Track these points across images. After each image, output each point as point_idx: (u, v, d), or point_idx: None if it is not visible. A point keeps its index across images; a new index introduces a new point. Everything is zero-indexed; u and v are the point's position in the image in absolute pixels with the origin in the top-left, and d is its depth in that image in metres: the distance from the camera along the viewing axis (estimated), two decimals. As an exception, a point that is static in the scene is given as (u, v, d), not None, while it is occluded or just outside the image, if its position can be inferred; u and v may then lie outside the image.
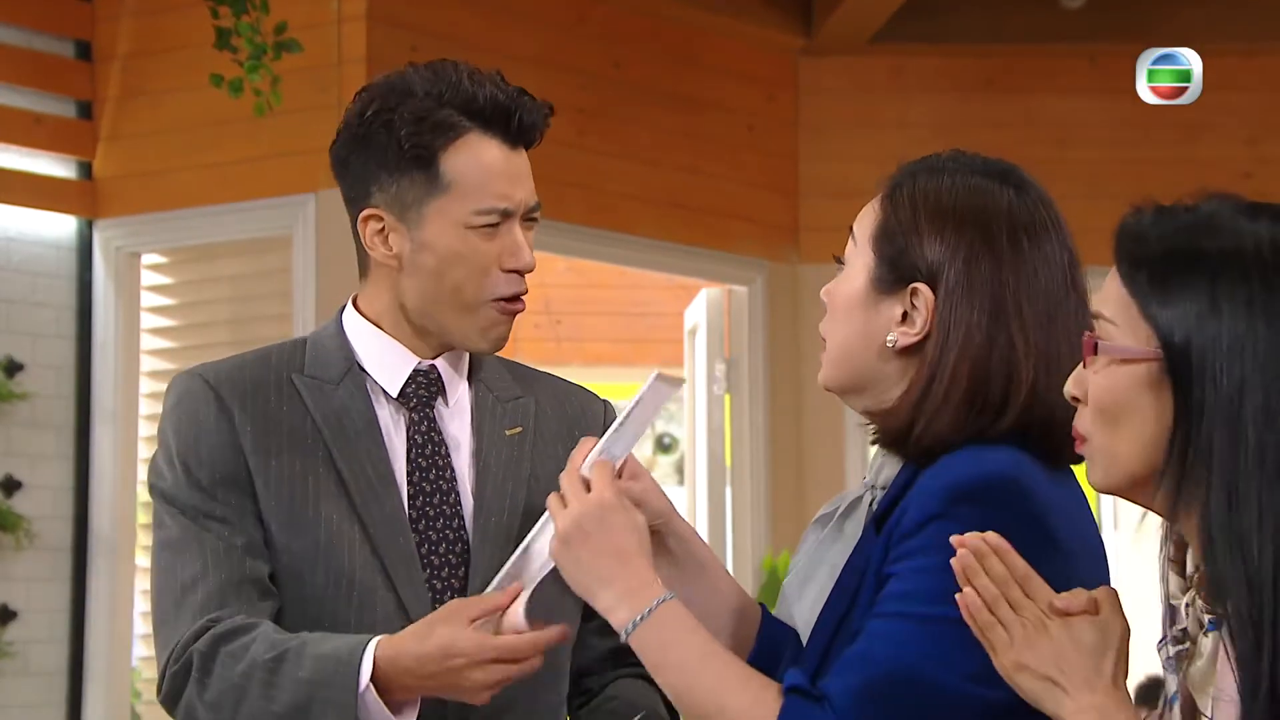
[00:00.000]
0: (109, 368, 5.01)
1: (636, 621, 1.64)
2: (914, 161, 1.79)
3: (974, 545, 1.48)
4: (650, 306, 6.90)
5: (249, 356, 1.99)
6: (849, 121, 5.83)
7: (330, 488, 1.90)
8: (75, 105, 5.07)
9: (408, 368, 1.96)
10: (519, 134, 1.93)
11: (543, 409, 2.01)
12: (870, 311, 1.73)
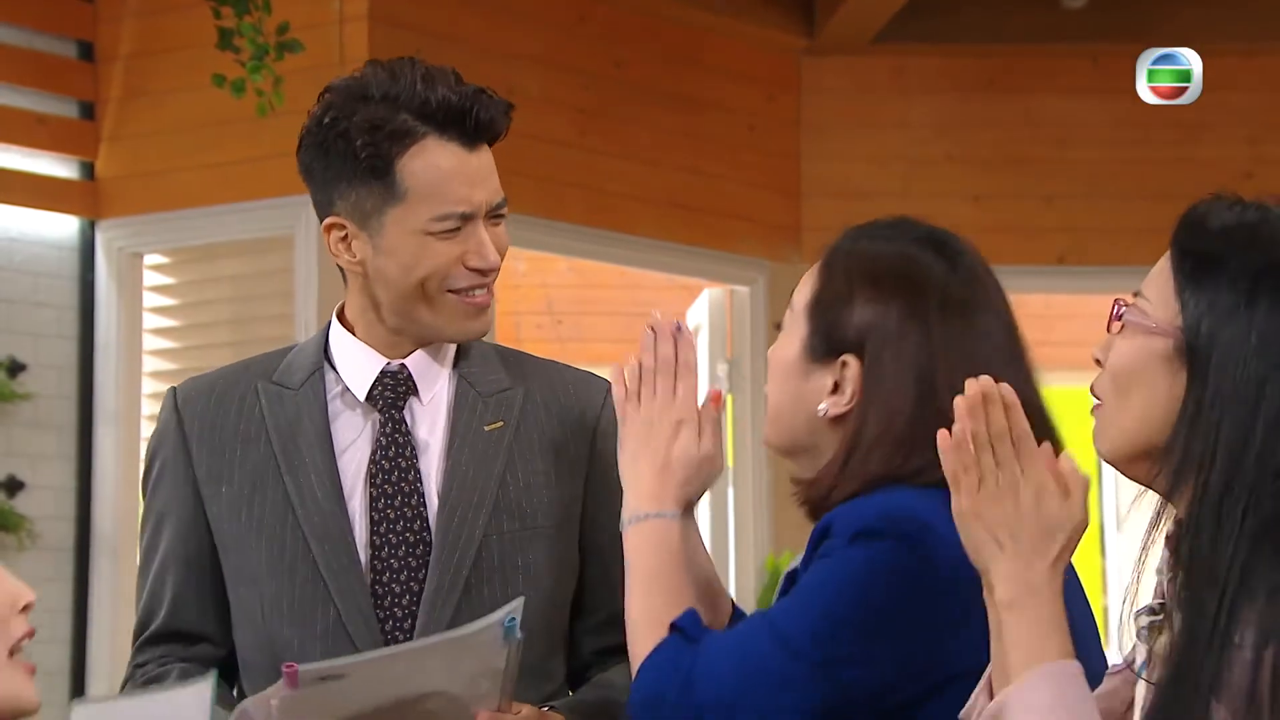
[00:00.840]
0: (111, 368, 5.01)
1: (632, 520, 1.73)
2: (858, 226, 1.80)
3: (984, 389, 1.47)
4: (652, 306, 6.90)
5: (238, 364, 2.03)
6: (851, 121, 5.83)
7: (278, 502, 1.92)
8: (77, 105, 5.07)
9: (375, 369, 1.96)
10: (476, 133, 1.92)
11: (532, 400, 1.99)
12: (803, 380, 1.74)
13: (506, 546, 1.92)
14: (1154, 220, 6.69)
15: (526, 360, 2.05)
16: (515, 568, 1.91)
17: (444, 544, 1.91)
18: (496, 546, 1.91)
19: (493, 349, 2.04)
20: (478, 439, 1.95)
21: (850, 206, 5.72)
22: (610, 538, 1.91)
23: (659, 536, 1.71)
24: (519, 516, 1.94)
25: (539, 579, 1.92)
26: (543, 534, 1.95)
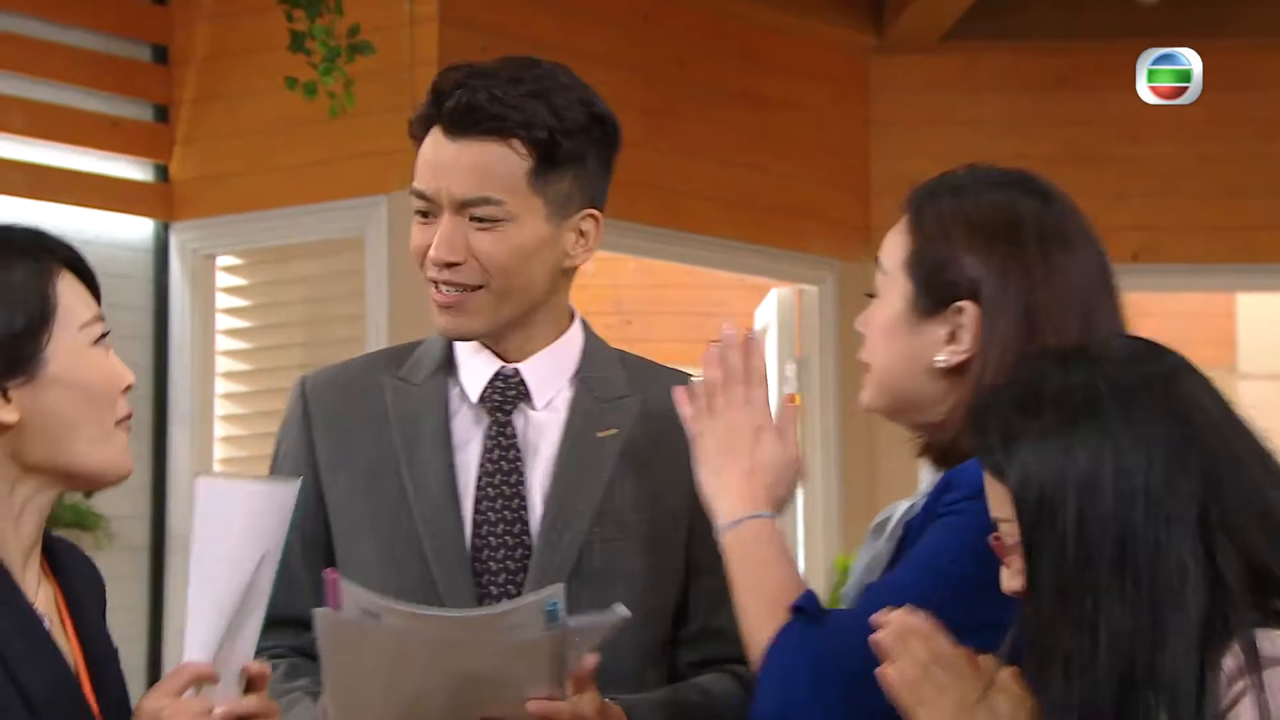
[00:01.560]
0: (185, 369, 5.06)
1: (728, 525, 1.74)
2: (930, 182, 1.82)
3: (897, 628, 1.52)
4: (721, 306, 6.90)
5: (368, 356, 2.05)
6: (920, 119, 5.80)
7: (393, 495, 1.92)
8: (152, 109, 5.12)
9: (490, 372, 1.96)
10: (453, 122, 1.90)
11: (648, 408, 1.97)
12: (913, 336, 1.75)
13: (608, 555, 1.90)
14: (1228, 218, 6.65)
15: (649, 367, 2.03)
16: (616, 576, 1.90)
17: (544, 549, 1.90)
18: (598, 554, 1.90)
19: (617, 355, 2.02)
20: (589, 445, 1.94)
21: (920, 205, 5.69)
22: (717, 550, 1.89)
23: (760, 533, 1.73)
24: (622, 525, 1.92)
25: (639, 588, 1.90)
26: (646, 544, 1.93)
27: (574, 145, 1.91)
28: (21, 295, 1.58)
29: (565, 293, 2.00)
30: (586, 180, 1.94)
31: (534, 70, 1.93)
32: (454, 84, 1.90)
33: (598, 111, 1.95)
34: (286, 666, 1.92)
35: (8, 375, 1.57)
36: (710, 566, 1.92)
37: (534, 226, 1.91)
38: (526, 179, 1.90)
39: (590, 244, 1.97)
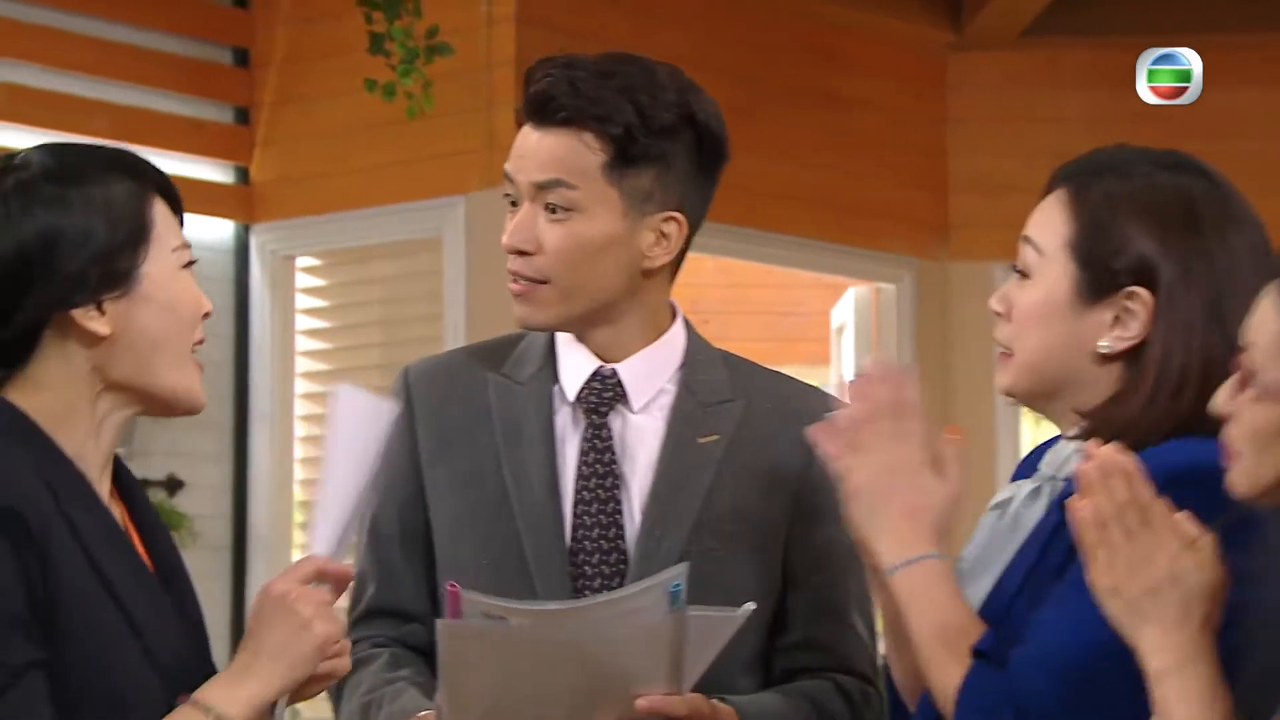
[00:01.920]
0: (265, 369, 5.11)
1: (897, 566, 1.68)
2: (1084, 160, 1.75)
3: (1103, 462, 1.46)
4: (798, 305, 6.88)
5: (468, 349, 2.03)
6: (999, 117, 5.76)
7: (494, 494, 1.91)
8: (233, 111, 5.17)
9: (587, 371, 1.94)
10: (531, 108, 1.91)
11: (751, 413, 1.93)
12: (1074, 320, 1.69)
13: (706, 565, 1.84)
14: (1315, 214, 6.45)
15: (753, 371, 2.00)
16: (713, 587, 1.84)
17: (640, 557, 1.87)
18: (696, 565, 1.82)
19: (721, 356, 1.99)
20: (689, 451, 1.91)
21: (998, 202, 5.65)
22: (817, 559, 1.88)
23: (934, 575, 1.67)
24: (721, 535, 1.89)
25: (737, 600, 1.85)
26: (745, 554, 1.89)
27: (656, 144, 1.89)
28: (122, 212, 1.61)
29: (660, 293, 1.96)
30: (672, 182, 1.91)
31: (629, 66, 1.91)
32: (543, 73, 1.90)
33: (696, 116, 1.92)
34: (389, 656, 1.92)
35: (104, 289, 1.59)
36: (809, 577, 1.90)
37: (606, 221, 1.89)
38: (601, 171, 1.89)
39: (671, 247, 1.93)
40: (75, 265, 1.58)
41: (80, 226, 1.59)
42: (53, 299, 1.58)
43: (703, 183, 1.96)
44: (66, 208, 1.59)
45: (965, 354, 5.64)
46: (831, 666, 1.93)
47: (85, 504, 1.58)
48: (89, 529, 1.56)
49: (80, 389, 1.61)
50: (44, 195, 1.59)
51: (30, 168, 1.60)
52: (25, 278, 1.57)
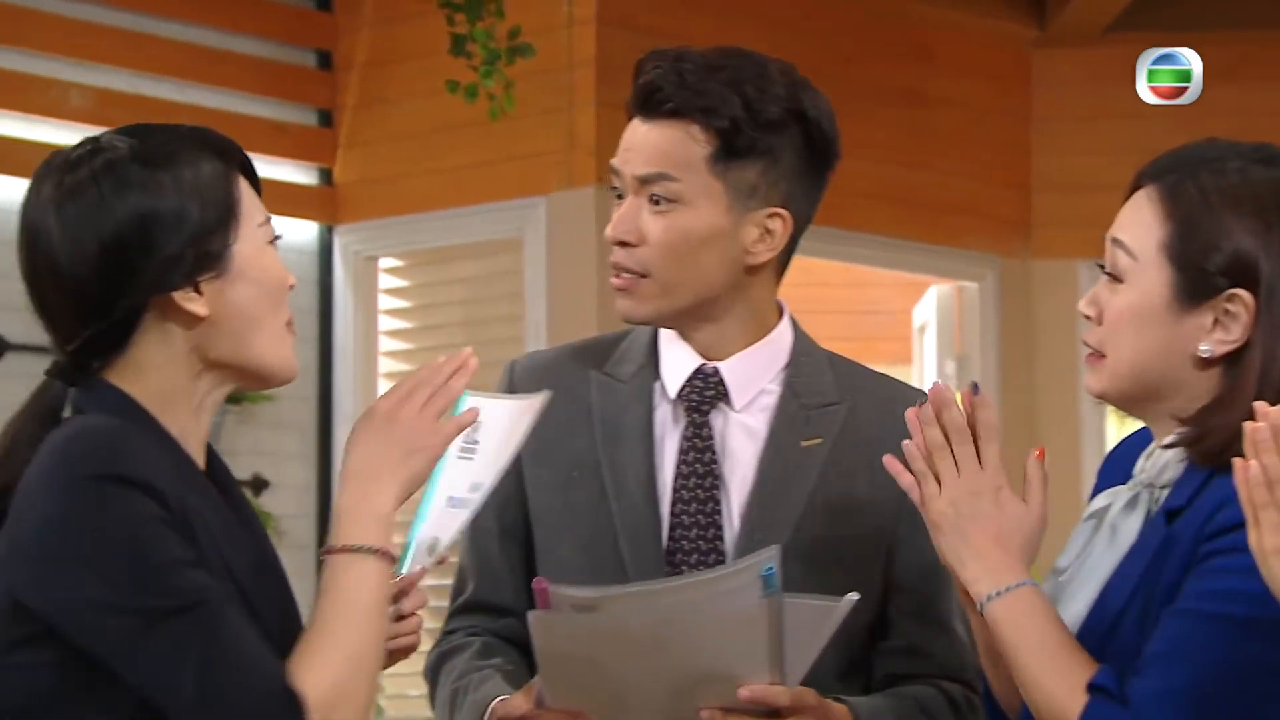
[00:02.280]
0: (348, 370, 5.15)
1: (992, 595, 1.66)
2: (1173, 156, 1.71)
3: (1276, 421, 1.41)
4: (878, 304, 6.84)
5: (573, 346, 2.02)
6: (1084, 114, 5.71)
7: (593, 494, 1.90)
8: (316, 114, 5.22)
9: (689, 368, 1.92)
10: (638, 100, 1.89)
11: (855, 417, 1.91)
12: (1171, 324, 1.66)
13: (809, 570, 1.84)
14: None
15: (858, 373, 1.97)
16: (812, 592, 1.81)
17: (738, 560, 1.81)
18: (796, 571, 1.82)
19: (826, 357, 1.97)
20: (792, 454, 1.89)
21: (1082, 199, 5.59)
22: (920, 565, 1.86)
23: (1029, 604, 1.65)
24: (821, 541, 1.87)
25: None
26: (846, 559, 1.88)
27: (762, 138, 1.87)
28: (212, 192, 1.61)
29: (764, 291, 1.94)
30: (778, 177, 1.90)
31: (739, 59, 1.90)
32: (652, 65, 1.89)
33: (806, 113, 1.90)
34: (480, 645, 1.93)
35: (200, 270, 1.60)
36: (912, 583, 1.88)
37: (709, 214, 1.88)
38: (706, 163, 1.87)
39: (775, 244, 1.91)
40: (173, 248, 1.58)
41: (174, 208, 1.59)
42: (152, 283, 1.58)
43: (811, 181, 1.93)
44: (160, 190, 1.58)
45: (1048, 353, 5.59)
46: (934, 673, 1.91)
47: (198, 488, 1.60)
48: (204, 512, 1.58)
49: (181, 370, 1.61)
50: (136, 178, 1.58)
51: (118, 150, 1.60)
52: (123, 263, 1.57)
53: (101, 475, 1.50)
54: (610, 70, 4.75)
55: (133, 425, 1.57)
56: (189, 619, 1.48)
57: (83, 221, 1.58)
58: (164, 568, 1.49)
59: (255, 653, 1.50)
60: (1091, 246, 6.46)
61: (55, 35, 4.71)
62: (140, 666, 1.49)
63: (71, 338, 1.60)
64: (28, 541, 1.51)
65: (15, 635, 1.52)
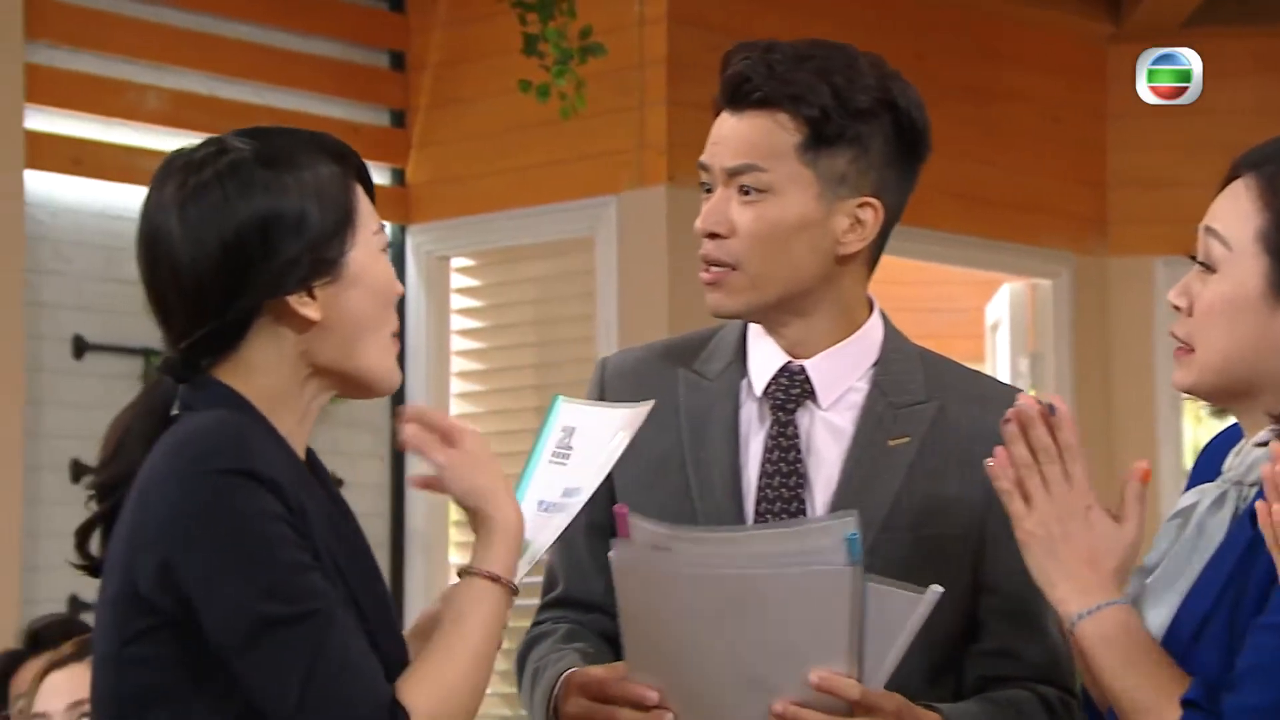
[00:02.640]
0: (421, 369, 5.17)
1: (1082, 615, 1.65)
2: (1272, 145, 1.69)
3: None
4: (948, 302, 6.81)
5: (665, 344, 2.00)
6: (1160, 110, 5.62)
7: (677, 491, 1.89)
8: (389, 114, 5.25)
9: (775, 365, 1.91)
10: (726, 92, 1.88)
11: (945, 415, 1.88)
12: (1266, 315, 1.63)
13: (893, 572, 1.79)
14: None
15: (950, 370, 1.94)
16: None
17: None
18: (879, 572, 1.79)
19: (918, 354, 1.94)
20: (878, 454, 1.87)
21: (1158, 196, 5.54)
22: (1011, 567, 1.82)
23: (1121, 622, 1.64)
24: (909, 543, 1.85)
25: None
26: (934, 562, 1.84)
27: (852, 126, 1.86)
28: (331, 196, 1.61)
29: (854, 284, 1.92)
30: (869, 166, 1.88)
31: (826, 50, 1.89)
32: (740, 57, 1.88)
33: (896, 102, 1.89)
34: (566, 631, 1.93)
35: (316, 274, 1.60)
36: (1003, 585, 1.85)
37: (799, 203, 1.86)
38: (795, 151, 1.86)
39: (866, 234, 1.89)
40: (292, 251, 1.58)
41: (296, 212, 1.59)
42: (269, 285, 1.58)
43: (901, 171, 1.92)
44: (283, 192, 1.59)
45: (1124, 351, 5.54)
46: (1028, 676, 1.87)
47: (307, 487, 1.61)
48: (315, 511, 1.59)
49: (290, 373, 1.62)
50: (260, 179, 1.59)
51: (241, 151, 1.61)
52: (243, 263, 1.58)
53: (229, 469, 1.51)
54: (681, 69, 4.74)
55: (251, 421, 1.58)
56: (301, 628, 1.49)
57: (205, 221, 1.58)
58: (284, 571, 1.50)
59: (362, 665, 1.51)
60: (1168, 243, 6.38)
61: (132, 38, 4.76)
62: (248, 668, 1.50)
63: (185, 335, 1.61)
64: (155, 534, 1.52)
65: (137, 627, 1.54)
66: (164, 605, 1.52)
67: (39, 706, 2.34)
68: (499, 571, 1.59)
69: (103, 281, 4.64)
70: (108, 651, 1.56)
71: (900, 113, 1.89)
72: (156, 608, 1.53)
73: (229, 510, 1.51)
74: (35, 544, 4.46)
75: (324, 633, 1.49)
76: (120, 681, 1.55)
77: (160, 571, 1.52)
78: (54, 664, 2.39)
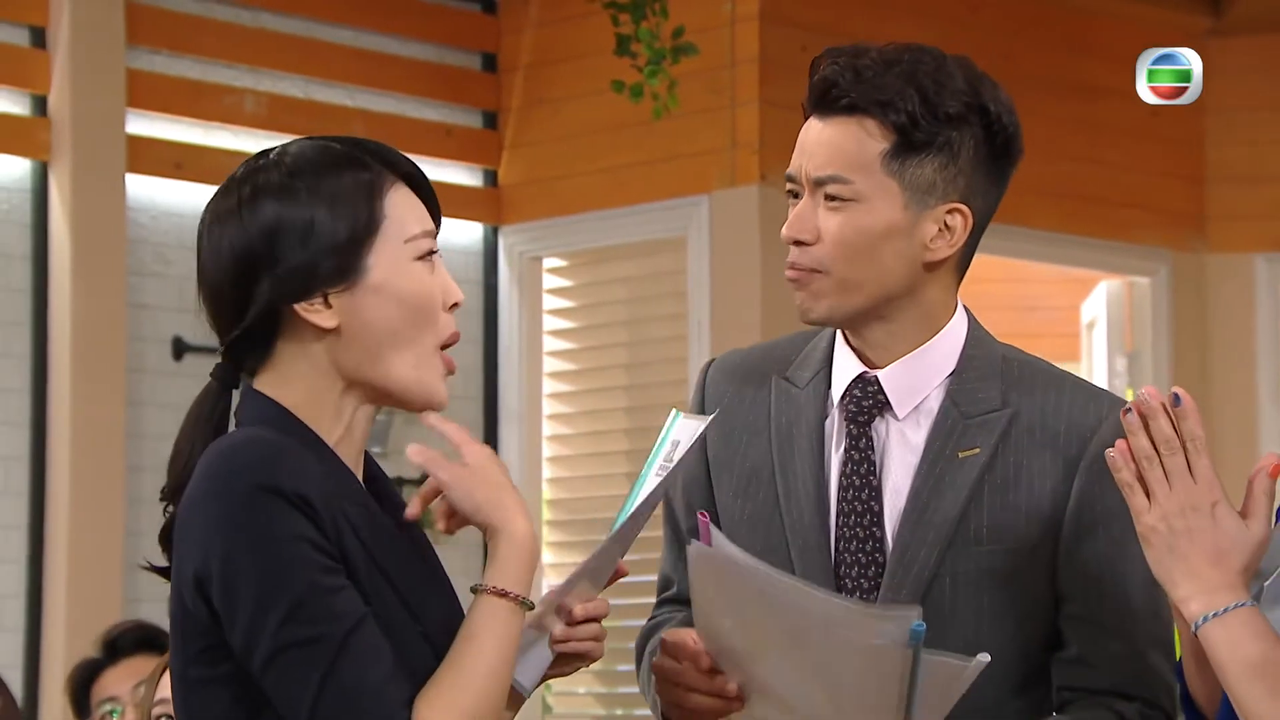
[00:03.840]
0: (513, 370, 5.19)
1: (1208, 617, 1.61)
2: None
3: None
4: (1042, 300, 6.74)
5: (767, 346, 1.99)
6: (1260, 104, 5.56)
7: (768, 502, 1.89)
8: (481, 115, 5.28)
9: (851, 374, 1.89)
10: (813, 98, 1.86)
11: (1018, 424, 1.84)
12: None
13: (961, 588, 1.80)
14: None
15: (1031, 374, 1.89)
16: (971, 611, 1.80)
17: (893, 580, 1.82)
18: (949, 587, 1.79)
19: (1000, 359, 1.89)
20: (948, 466, 1.83)
21: (1259, 192, 5.45)
22: (1088, 576, 1.81)
23: (1252, 624, 1.61)
24: (978, 556, 1.82)
25: (999, 622, 1.81)
26: (1005, 576, 1.81)
27: (940, 132, 1.83)
28: (348, 203, 1.59)
29: (940, 291, 1.89)
30: (957, 172, 1.85)
31: (915, 54, 1.85)
32: (827, 62, 1.85)
33: (987, 107, 1.86)
34: (683, 618, 1.93)
35: (330, 281, 1.58)
36: (1081, 594, 1.82)
37: (886, 211, 1.83)
38: (880, 160, 1.83)
39: (954, 240, 1.86)
40: (298, 257, 1.58)
41: (303, 219, 1.58)
42: (278, 291, 1.58)
43: (992, 176, 1.89)
44: (292, 201, 1.59)
45: (1225, 350, 5.46)
46: (1104, 687, 1.83)
47: (355, 498, 1.61)
48: (360, 523, 1.59)
49: (325, 383, 1.61)
50: (272, 188, 1.59)
51: (267, 161, 1.62)
52: (252, 270, 1.59)
53: (256, 486, 1.52)
54: (773, 68, 4.73)
55: (290, 436, 1.58)
56: (314, 650, 1.50)
57: (223, 231, 1.61)
58: (302, 594, 1.51)
59: (379, 689, 1.51)
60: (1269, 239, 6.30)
61: (229, 43, 4.82)
62: (268, 688, 1.52)
63: (220, 341, 1.63)
64: (191, 549, 1.54)
65: (196, 647, 1.56)
66: (207, 621, 1.54)
67: (163, 692, 2.37)
68: (508, 586, 1.58)
69: (201, 283, 4.70)
70: (177, 667, 1.58)
71: (990, 117, 1.87)
72: (204, 626, 1.54)
73: (253, 531, 1.51)
74: (136, 543, 4.53)
75: (338, 656, 1.50)
76: (188, 695, 1.57)
77: (196, 586, 1.54)
78: None
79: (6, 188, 4.52)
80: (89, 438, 4.46)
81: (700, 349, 4.82)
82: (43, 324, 4.50)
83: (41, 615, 4.46)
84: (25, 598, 4.46)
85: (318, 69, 4.95)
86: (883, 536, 1.84)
